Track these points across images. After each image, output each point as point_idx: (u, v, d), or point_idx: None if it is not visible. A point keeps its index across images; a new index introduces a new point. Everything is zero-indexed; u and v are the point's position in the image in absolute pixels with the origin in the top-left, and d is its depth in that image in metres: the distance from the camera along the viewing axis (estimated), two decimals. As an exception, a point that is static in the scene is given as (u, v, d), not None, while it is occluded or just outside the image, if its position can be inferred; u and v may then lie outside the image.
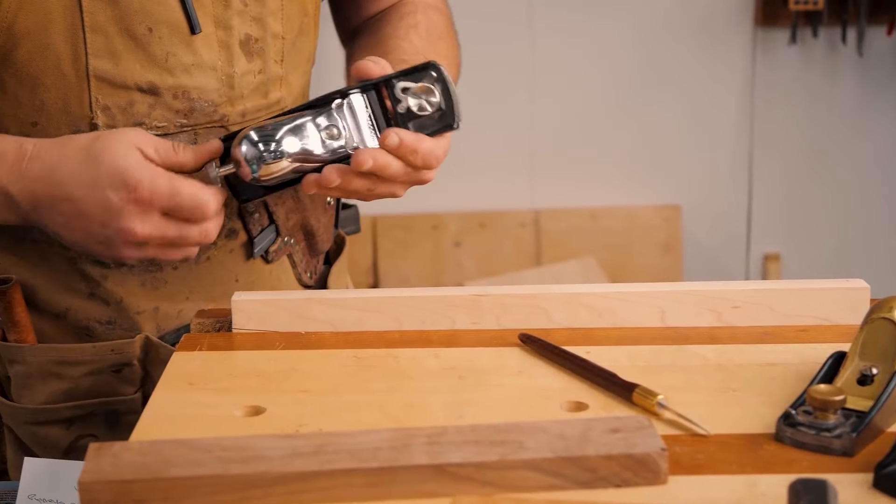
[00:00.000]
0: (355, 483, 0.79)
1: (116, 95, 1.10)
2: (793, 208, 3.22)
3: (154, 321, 1.19)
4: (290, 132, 1.04)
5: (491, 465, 0.80)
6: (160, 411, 0.93)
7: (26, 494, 1.07)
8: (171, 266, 1.18)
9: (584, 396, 0.95)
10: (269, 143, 1.03)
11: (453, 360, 1.02)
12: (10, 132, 1.09)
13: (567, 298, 1.08)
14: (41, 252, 1.16)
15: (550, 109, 3.11)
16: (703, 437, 0.88)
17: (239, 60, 1.15)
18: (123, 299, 1.17)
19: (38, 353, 1.15)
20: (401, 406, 0.93)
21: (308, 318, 1.08)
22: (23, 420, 1.17)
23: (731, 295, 1.09)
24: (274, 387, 0.97)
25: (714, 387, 0.96)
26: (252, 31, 1.16)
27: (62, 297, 1.17)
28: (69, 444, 1.18)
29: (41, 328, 1.17)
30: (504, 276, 3.05)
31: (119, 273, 1.16)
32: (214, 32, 1.13)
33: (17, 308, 1.14)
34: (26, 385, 1.16)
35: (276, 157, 1.03)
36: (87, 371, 1.16)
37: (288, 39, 1.20)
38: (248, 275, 1.23)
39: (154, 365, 1.16)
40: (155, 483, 0.78)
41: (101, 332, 1.18)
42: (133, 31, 1.09)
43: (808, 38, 3.06)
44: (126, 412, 1.17)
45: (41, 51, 1.07)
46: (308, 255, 1.29)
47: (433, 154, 1.06)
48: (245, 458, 0.80)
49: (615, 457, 0.80)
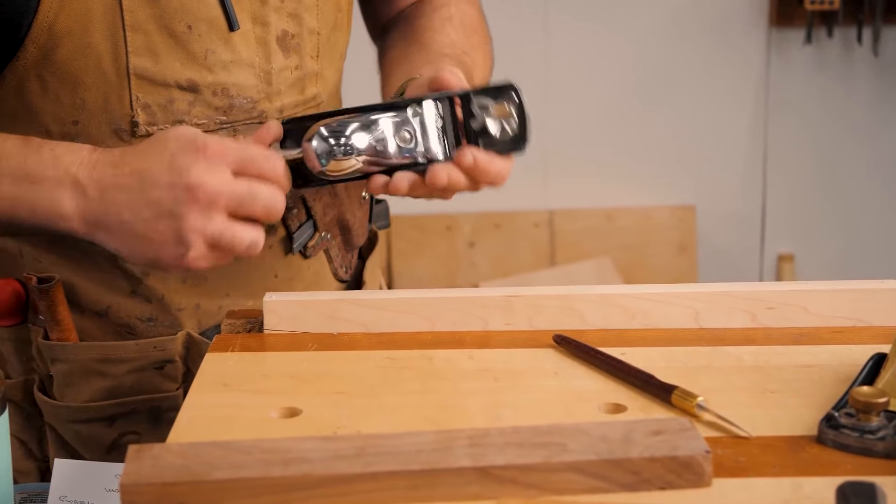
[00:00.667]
0: (398, 486, 0.78)
1: (156, 93, 1.10)
2: (807, 209, 3.22)
3: (195, 318, 1.18)
4: (362, 130, 1.03)
5: (535, 467, 0.79)
6: (196, 413, 0.92)
7: (57, 496, 1.06)
8: None
9: (622, 398, 0.94)
10: (339, 138, 1.03)
11: (488, 362, 1.01)
12: (51, 131, 1.09)
13: (600, 299, 1.08)
14: (83, 250, 1.15)
15: (564, 110, 3.11)
16: (744, 440, 0.87)
17: (276, 56, 1.15)
18: (165, 296, 1.17)
19: (81, 352, 1.15)
20: (437, 408, 0.92)
21: (340, 319, 1.08)
22: (66, 419, 1.17)
23: (765, 296, 1.08)
24: (309, 388, 0.96)
25: (752, 388, 0.95)
26: (288, 26, 1.16)
27: (103, 295, 1.17)
28: (112, 441, 1.17)
29: (83, 327, 1.17)
30: (518, 277, 3.05)
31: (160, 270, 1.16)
32: (252, 29, 1.13)
33: (60, 307, 1.14)
34: (69, 383, 1.16)
35: (346, 154, 1.03)
36: (130, 368, 1.16)
37: (323, 35, 1.20)
38: (287, 270, 1.23)
39: (195, 361, 1.16)
40: (196, 486, 0.77)
41: (142, 329, 1.18)
42: (173, 28, 1.09)
43: (823, 38, 3.05)
44: (168, 409, 1.17)
45: (82, 50, 1.07)
46: (343, 249, 1.30)
47: (501, 174, 1.07)
48: (286, 461, 0.79)
49: (659, 459, 0.80)
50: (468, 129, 1.07)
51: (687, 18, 3.08)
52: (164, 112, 1.11)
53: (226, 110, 1.13)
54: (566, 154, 3.13)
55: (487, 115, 1.07)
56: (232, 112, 1.14)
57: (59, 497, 1.07)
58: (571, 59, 3.09)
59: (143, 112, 1.10)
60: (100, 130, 1.10)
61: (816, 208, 3.21)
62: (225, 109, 1.13)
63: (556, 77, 3.09)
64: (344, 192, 1.26)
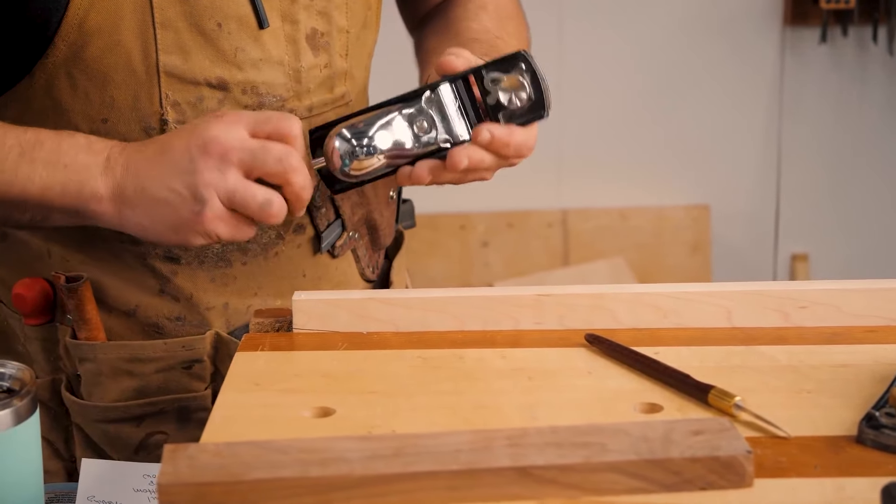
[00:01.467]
0: (438, 486, 0.78)
1: (186, 91, 1.09)
2: (821, 209, 3.20)
3: (224, 317, 1.18)
4: (381, 127, 1.04)
5: (575, 467, 0.78)
6: (228, 412, 0.92)
7: (85, 496, 1.06)
8: (240, 261, 1.17)
9: (657, 398, 0.93)
10: (361, 138, 1.03)
11: (520, 361, 1.00)
12: (80, 129, 1.09)
13: (632, 298, 1.07)
14: (111, 249, 1.15)
15: (578, 109, 3.10)
16: (783, 440, 0.86)
17: (305, 55, 1.15)
18: (193, 295, 1.17)
19: (110, 351, 1.14)
20: (472, 407, 0.92)
21: (369, 318, 1.07)
22: (93, 418, 1.17)
23: (797, 295, 1.07)
24: (341, 387, 0.96)
25: (788, 388, 0.95)
26: (318, 25, 1.16)
27: (132, 294, 1.16)
28: (139, 441, 1.17)
29: (110, 326, 1.16)
30: (532, 277, 3.04)
31: (189, 269, 1.16)
32: (281, 27, 1.13)
33: (88, 305, 1.13)
34: (97, 383, 1.16)
35: (368, 153, 1.03)
36: (158, 368, 1.15)
37: (352, 33, 1.20)
38: (315, 270, 1.22)
39: (224, 361, 1.15)
40: (234, 486, 0.77)
41: (170, 328, 1.17)
42: (202, 26, 1.08)
43: (838, 37, 3.04)
44: (196, 409, 1.17)
45: (112, 47, 1.07)
46: (371, 249, 1.29)
47: (525, 145, 1.07)
48: (324, 460, 0.78)
49: (700, 459, 0.79)
50: (486, 106, 1.07)
51: (701, 18, 3.07)
52: (194, 110, 1.10)
53: (255, 108, 1.13)
54: (580, 153, 3.12)
55: (501, 87, 1.07)
56: (261, 110, 1.13)
57: (88, 497, 1.06)
58: (585, 58, 3.08)
59: (172, 110, 1.09)
60: (129, 128, 1.09)
61: (831, 208, 3.20)
62: (254, 107, 1.13)
63: (570, 77, 3.08)
64: (371, 192, 1.25)
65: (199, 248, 1.15)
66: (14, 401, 0.90)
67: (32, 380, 0.92)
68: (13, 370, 0.94)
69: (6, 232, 1.18)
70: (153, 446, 1.17)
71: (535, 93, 1.07)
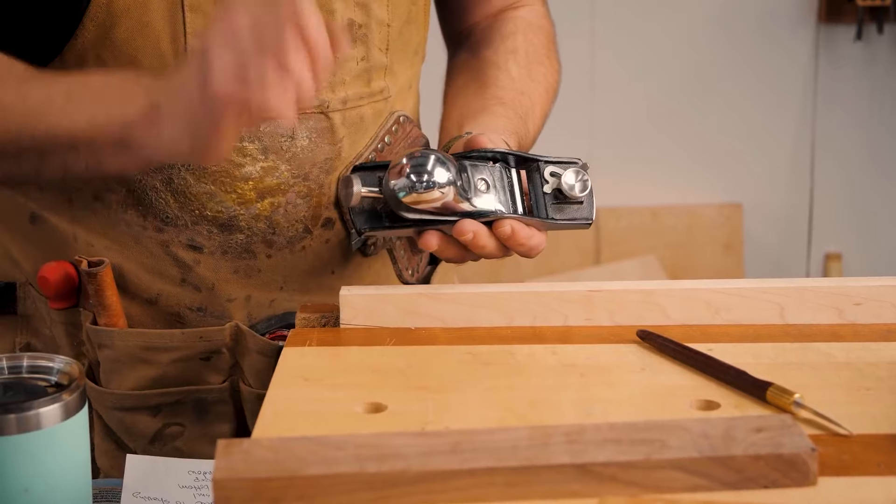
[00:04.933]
0: (496, 482, 0.76)
1: None
2: (855, 207, 3.18)
3: (245, 309, 1.17)
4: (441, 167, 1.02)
5: (636, 464, 0.77)
6: (279, 407, 0.90)
7: (130, 492, 1.05)
8: (264, 253, 1.15)
9: (714, 395, 0.92)
10: (422, 174, 1.01)
11: (571, 357, 0.99)
12: None
13: (684, 294, 1.05)
14: (135, 236, 1.14)
15: (610, 107, 3.08)
16: (844, 438, 0.85)
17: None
18: (215, 286, 1.16)
19: (128, 338, 1.13)
20: (526, 404, 0.90)
21: (417, 314, 1.06)
22: (110, 405, 1.16)
23: (851, 291, 1.06)
24: (391, 383, 0.95)
25: (846, 385, 0.93)
26: (355, 16, 1.14)
27: (154, 282, 1.15)
28: (155, 431, 1.16)
29: (133, 313, 1.16)
30: (563, 275, 3.02)
31: (212, 258, 1.15)
32: None
33: (108, 291, 1.12)
34: (115, 370, 1.15)
35: (428, 187, 1.01)
36: (176, 358, 1.14)
37: (394, 28, 1.18)
38: (345, 268, 1.20)
39: (243, 355, 1.14)
40: (290, 481, 0.76)
41: (191, 318, 1.16)
42: None
43: (873, 34, 3.01)
44: (214, 402, 1.16)
45: (140, 29, 1.06)
46: (410, 251, 1.27)
47: (537, 249, 1.06)
48: (381, 456, 0.77)
49: (763, 457, 0.77)
50: (532, 195, 1.08)
51: (734, 15, 3.05)
52: None
53: None
54: (612, 151, 3.10)
55: (555, 184, 1.07)
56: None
57: (133, 493, 1.05)
58: (617, 56, 3.07)
59: None
60: None
61: (864, 207, 3.17)
62: None
63: (602, 75, 3.07)
64: None
65: (221, 236, 1.13)
66: (63, 395, 0.89)
67: (81, 374, 0.91)
68: (61, 364, 0.93)
69: (36, 214, 1.17)
70: (169, 437, 1.16)
71: (586, 200, 1.08)
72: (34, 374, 0.93)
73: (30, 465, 0.86)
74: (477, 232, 1.03)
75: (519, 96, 1.23)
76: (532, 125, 1.24)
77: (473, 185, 1.05)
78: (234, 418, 1.17)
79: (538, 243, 1.06)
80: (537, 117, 1.26)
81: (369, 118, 1.19)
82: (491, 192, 1.06)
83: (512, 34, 1.29)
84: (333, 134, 1.15)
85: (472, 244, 1.04)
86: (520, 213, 1.06)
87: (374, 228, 1.07)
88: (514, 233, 1.04)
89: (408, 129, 1.24)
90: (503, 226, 1.04)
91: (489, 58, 1.27)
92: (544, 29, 1.34)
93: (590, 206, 1.09)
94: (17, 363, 0.93)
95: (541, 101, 1.27)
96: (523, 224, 1.05)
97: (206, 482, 1.06)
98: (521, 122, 1.20)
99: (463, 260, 1.08)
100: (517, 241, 1.04)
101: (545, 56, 1.31)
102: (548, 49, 1.32)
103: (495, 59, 1.27)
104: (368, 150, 1.19)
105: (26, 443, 0.86)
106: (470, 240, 1.03)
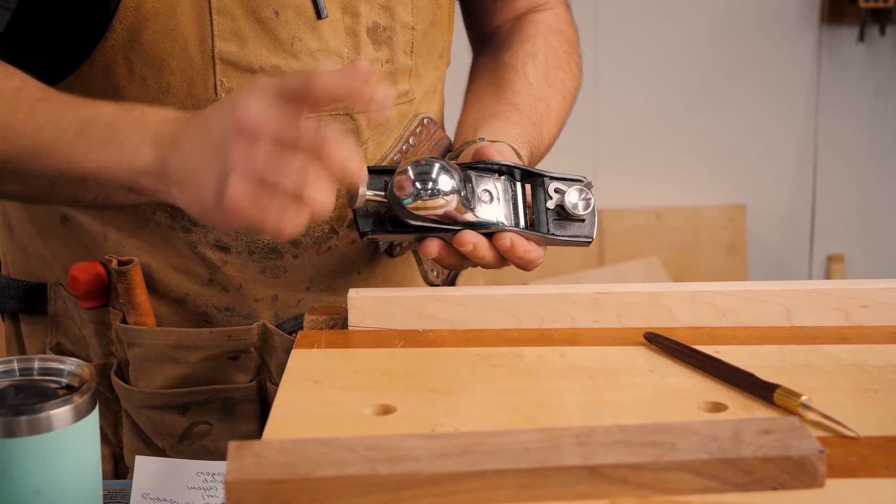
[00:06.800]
0: (507, 484, 0.77)
1: (241, 78, 1.09)
2: (857, 209, 3.18)
3: (272, 309, 1.17)
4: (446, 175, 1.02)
5: (646, 466, 0.77)
6: (289, 410, 0.91)
7: (140, 493, 1.06)
8: (291, 254, 1.16)
9: (721, 397, 0.92)
10: (426, 181, 1.01)
11: (580, 359, 0.99)
12: None
13: (691, 296, 1.06)
14: (163, 236, 1.15)
15: (614, 109, 3.09)
16: (852, 439, 0.85)
17: (366, 48, 1.14)
18: (243, 286, 1.16)
19: (157, 337, 1.14)
20: (535, 406, 0.91)
21: (425, 316, 1.06)
22: (139, 404, 1.17)
23: (858, 294, 1.06)
24: (401, 385, 0.95)
25: (854, 388, 0.93)
26: (380, 18, 1.15)
27: (182, 282, 1.16)
28: (184, 430, 1.17)
29: (161, 313, 1.17)
30: (567, 276, 3.02)
31: (239, 259, 1.15)
32: (341, 18, 1.12)
33: (137, 290, 1.13)
34: (144, 368, 1.16)
35: (433, 195, 1.02)
36: (204, 356, 1.15)
37: (418, 30, 1.19)
38: (371, 268, 1.21)
39: (271, 353, 1.15)
40: (302, 483, 0.76)
41: (218, 318, 1.17)
42: (259, 14, 1.08)
43: (876, 36, 3.02)
44: (241, 401, 1.16)
45: (168, 32, 1.06)
46: None
47: (535, 263, 1.07)
48: (392, 458, 0.78)
49: (772, 459, 0.78)
50: (534, 209, 1.08)
51: (737, 16, 3.06)
52: None
53: None
54: (615, 152, 3.11)
55: (559, 200, 1.08)
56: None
57: (142, 494, 1.06)
58: (621, 57, 3.07)
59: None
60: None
61: (867, 208, 3.18)
62: None
63: (606, 76, 3.07)
64: None
65: (248, 237, 1.14)
66: (74, 397, 0.89)
67: (92, 376, 0.92)
68: (72, 366, 0.93)
69: (67, 215, 1.18)
70: (197, 436, 1.17)
71: (588, 219, 1.09)
72: (45, 377, 0.93)
73: (41, 467, 0.87)
74: (477, 244, 1.04)
75: (535, 102, 1.24)
76: (547, 132, 1.25)
77: (477, 196, 1.05)
78: (260, 417, 1.18)
79: (536, 257, 1.07)
80: (552, 124, 1.26)
81: (394, 120, 1.19)
82: (494, 203, 1.06)
83: (532, 37, 1.30)
84: (358, 136, 1.16)
85: (471, 255, 1.05)
86: (521, 227, 1.07)
87: (377, 232, 1.07)
88: (514, 246, 1.05)
89: (432, 131, 1.25)
90: (503, 238, 1.05)
91: (508, 61, 1.28)
92: (565, 34, 1.34)
93: (591, 224, 1.10)
94: (28, 365, 0.94)
95: (557, 108, 1.27)
96: (523, 238, 1.06)
97: (214, 483, 1.07)
98: (535, 129, 1.21)
99: (462, 267, 1.10)
100: (516, 255, 1.06)
101: (565, 61, 1.32)
102: (568, 54, 1.33)
103: (514, 63, 1.28)
104: (393, 152, 1.19)
105: (37, 445, 0.87)
106: (469, 251, 1.04)
